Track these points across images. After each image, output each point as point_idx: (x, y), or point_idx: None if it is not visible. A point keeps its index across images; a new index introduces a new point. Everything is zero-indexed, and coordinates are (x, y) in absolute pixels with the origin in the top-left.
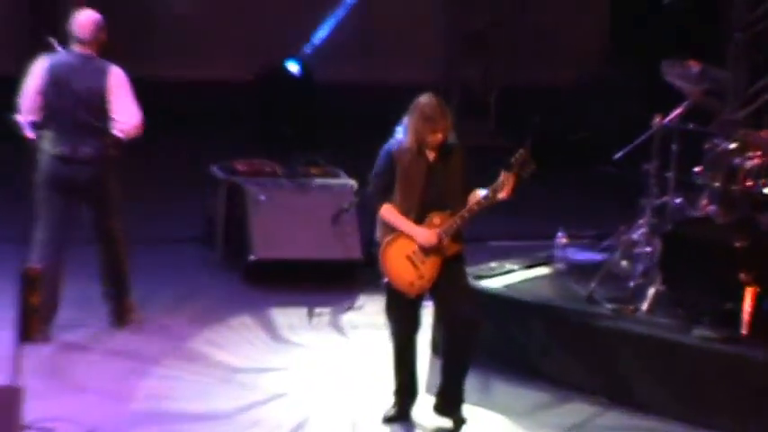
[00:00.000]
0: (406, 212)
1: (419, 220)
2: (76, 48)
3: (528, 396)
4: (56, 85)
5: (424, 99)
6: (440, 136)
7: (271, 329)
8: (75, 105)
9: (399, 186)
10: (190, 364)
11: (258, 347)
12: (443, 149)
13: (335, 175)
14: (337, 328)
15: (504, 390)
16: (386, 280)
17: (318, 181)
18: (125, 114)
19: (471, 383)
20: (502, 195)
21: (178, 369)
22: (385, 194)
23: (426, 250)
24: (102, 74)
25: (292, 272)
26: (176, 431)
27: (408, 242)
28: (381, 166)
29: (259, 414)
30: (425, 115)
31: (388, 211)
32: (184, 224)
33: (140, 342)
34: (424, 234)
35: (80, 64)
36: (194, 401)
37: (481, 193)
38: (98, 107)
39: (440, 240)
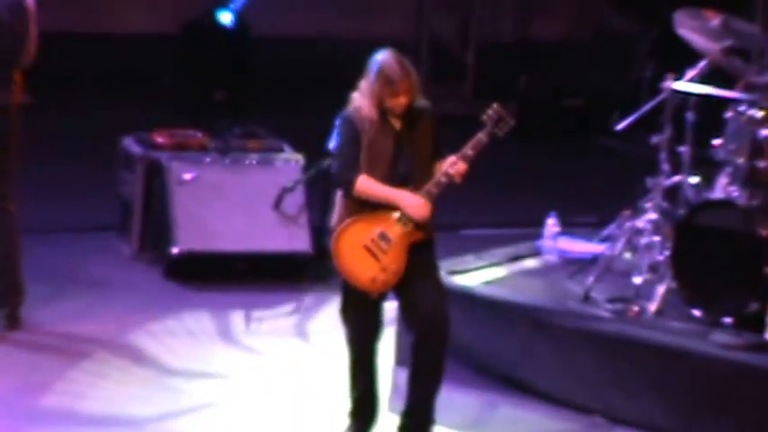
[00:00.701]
0: None
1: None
2: None
3: (510, 415)
4: None
5: (382, 57)
6: (402, 100)
7: (198, 336)
8: None
9: (364, 162)
10: (104, 368)
11: (183, 355)
12: (410, 115)
13: (278, 149)
14: (281, 334)
15: (481, 408)
16: (343, 276)
17: (257, 156)
18: (34, 43)
19: (443, 401)
20: (457, 180)
21: (93, 370)
22: (357, 166)
23: (416, 224)
24: None
25: (225, 268)
26: None
27: (366, 228)
28: (346, 136)
29: (179, 424)
30: (384, 77)
31: (366, 183)
32: (93, 209)
33: (39, 350)
34: (416, 203)
35: None
36: (108, 404)
37: (448, 160)
38: (18, 39)
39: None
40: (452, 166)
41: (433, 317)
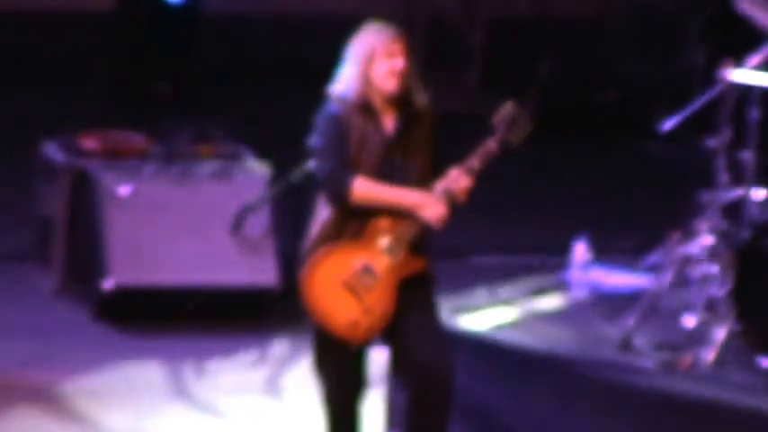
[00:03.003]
0: (350, 211)
1: (364, 221)
2: None
3: None
4: None
5: (363, 28)
6: (399, 63)
7: (140, 393)
8: None
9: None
10: None
11: (120, 418)
12: (405, 114)
13: (237, 156)
14: (243, 390)
15: None
16: (316, 320)
17: (211, 166)
18: None
19: None
20: (460, 199)
21: None
22: (350, 167)
23: (407, 254)
24: None
25: (172, 306)
26: None
27: (345, 259)
28: (331, 132)
29: None
30: (372, 38)
31: (366, 185)
32: (4, 233)
33: None
34: (429, 202)
35: None
36: None
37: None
38: None
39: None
40: (454, 181)
41: (432, 371)
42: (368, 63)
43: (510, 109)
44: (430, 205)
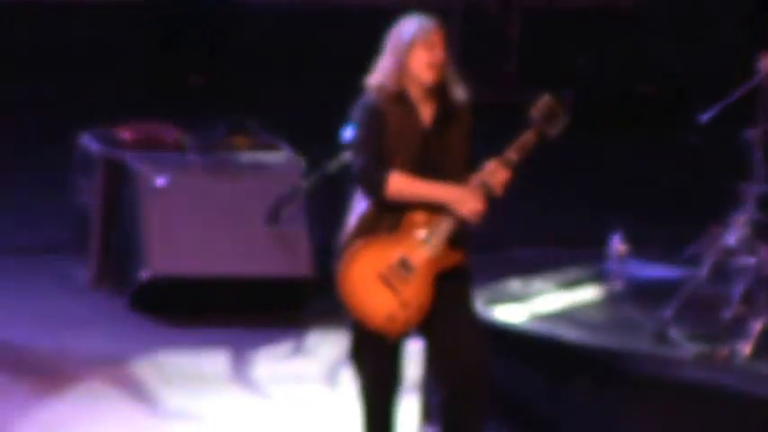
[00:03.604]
0: (387, 205)
1: (400, 215)
2: None
3: None
4: None
5: (401, 21)
6: (438, 53)
7: (175, 385)
8: None
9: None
10: (59, 424)
11: (157, 414)
12: (445, 107)
13: (273, 148)
14: (277, 382)
15: None
16: (353, 314)
17: (247, 157)
18: None
19: None
20: (497, 192)
21: (48, 427)
22: (387, 161)
23: (446, 246)
24: None
25: (207, 296)
26: None
27: (382, 252)
28: (369, 125)
29: None
30: (411, 30)
31: (402, 180)
32: (39, 224)
33: None
34: (467, 195)
35: None
36: None
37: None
38: None
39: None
40: (491, 174)
41: (469, 367)
42: (407, 54)
43: (547, 101)
44: (466, 200)
